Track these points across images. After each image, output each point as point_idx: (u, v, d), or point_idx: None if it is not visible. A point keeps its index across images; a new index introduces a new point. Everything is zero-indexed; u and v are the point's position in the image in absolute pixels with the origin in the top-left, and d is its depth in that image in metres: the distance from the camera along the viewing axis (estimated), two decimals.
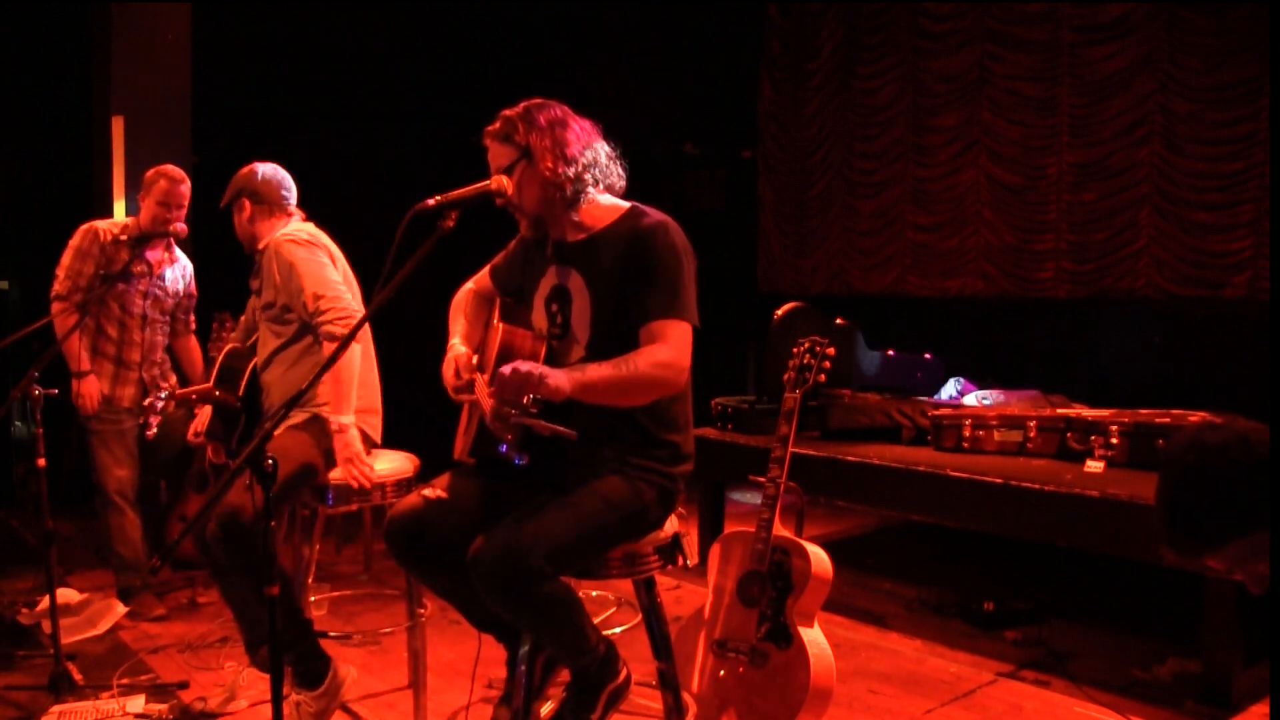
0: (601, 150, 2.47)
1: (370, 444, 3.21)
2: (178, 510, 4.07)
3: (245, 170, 3.37)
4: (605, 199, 2.47)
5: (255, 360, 3.28)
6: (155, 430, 3.51)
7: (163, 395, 3.61)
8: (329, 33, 6.20)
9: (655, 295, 2.32)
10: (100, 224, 4.06)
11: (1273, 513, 1.51)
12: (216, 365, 3.47)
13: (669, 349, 2.29)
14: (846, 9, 6.87)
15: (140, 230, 4.01)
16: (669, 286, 2.32)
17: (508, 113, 2.43)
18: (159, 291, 4.17)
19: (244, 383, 3.26)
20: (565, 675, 2.47)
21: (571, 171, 2.38)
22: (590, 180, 2.42)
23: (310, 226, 3.34)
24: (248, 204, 3.31)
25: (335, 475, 3.04)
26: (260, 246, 3.27)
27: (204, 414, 3.34)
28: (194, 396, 3.29)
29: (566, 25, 7.15)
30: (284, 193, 3.36)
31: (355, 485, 3.00)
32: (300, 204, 3.42)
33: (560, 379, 2.16)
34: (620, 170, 2.50)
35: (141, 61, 5.15)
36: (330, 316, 3.06)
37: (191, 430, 3.36)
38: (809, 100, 7.10)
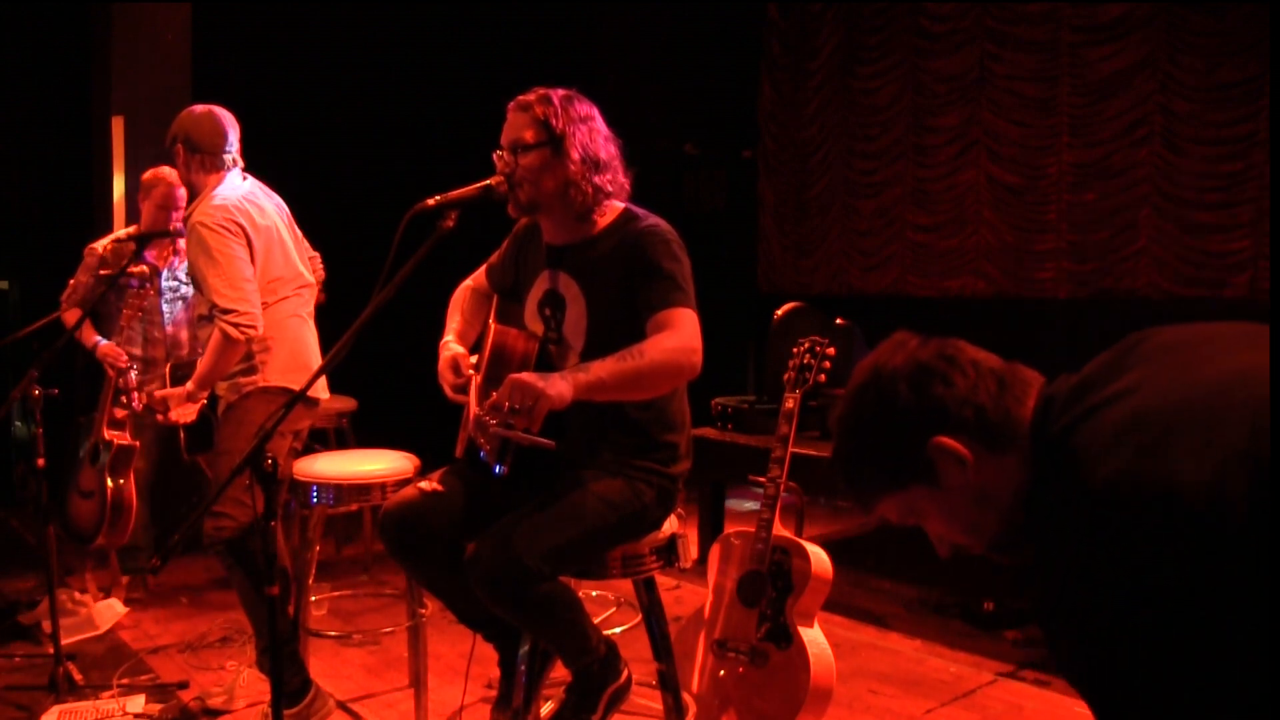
0: (617, 158, 2.43)
1: (311, 403, 3.24)
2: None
3: (184, 112, 3.27)
4: None
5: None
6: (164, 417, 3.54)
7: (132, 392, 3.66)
8: (329, 33, 6.19)
9: (656, 288, 2.28)
10: (98, 244, 4.24)
11: (1271, 512, 1.46)
12: (167, 383, 3.55)
13: (677, 334, 2.23)
14: (846, 9, 6.87)
15: (140, 232, 4.07)
16: (669, 279, 2.29)
17: (546, 91, 2.35)
18: (174, 285, 4.25)
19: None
20: (561, 673, 2.47)
21: (595, 178, 2.34)
22: (608, 190, 2.39)
23: (246, 188, 3.21)
24: (182, 151, 3.20)
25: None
26: (188, 211, 3.18)
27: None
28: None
29: (566, 25, 7.14)
30: (219, 140, 3.19)
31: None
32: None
33: (562, 387, 2.04)
34: (625, 182, 2.45)
35: (141, 61, 5.15)
36: (231, 320, 2.99)
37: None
38: (809, 100, 7.09)
